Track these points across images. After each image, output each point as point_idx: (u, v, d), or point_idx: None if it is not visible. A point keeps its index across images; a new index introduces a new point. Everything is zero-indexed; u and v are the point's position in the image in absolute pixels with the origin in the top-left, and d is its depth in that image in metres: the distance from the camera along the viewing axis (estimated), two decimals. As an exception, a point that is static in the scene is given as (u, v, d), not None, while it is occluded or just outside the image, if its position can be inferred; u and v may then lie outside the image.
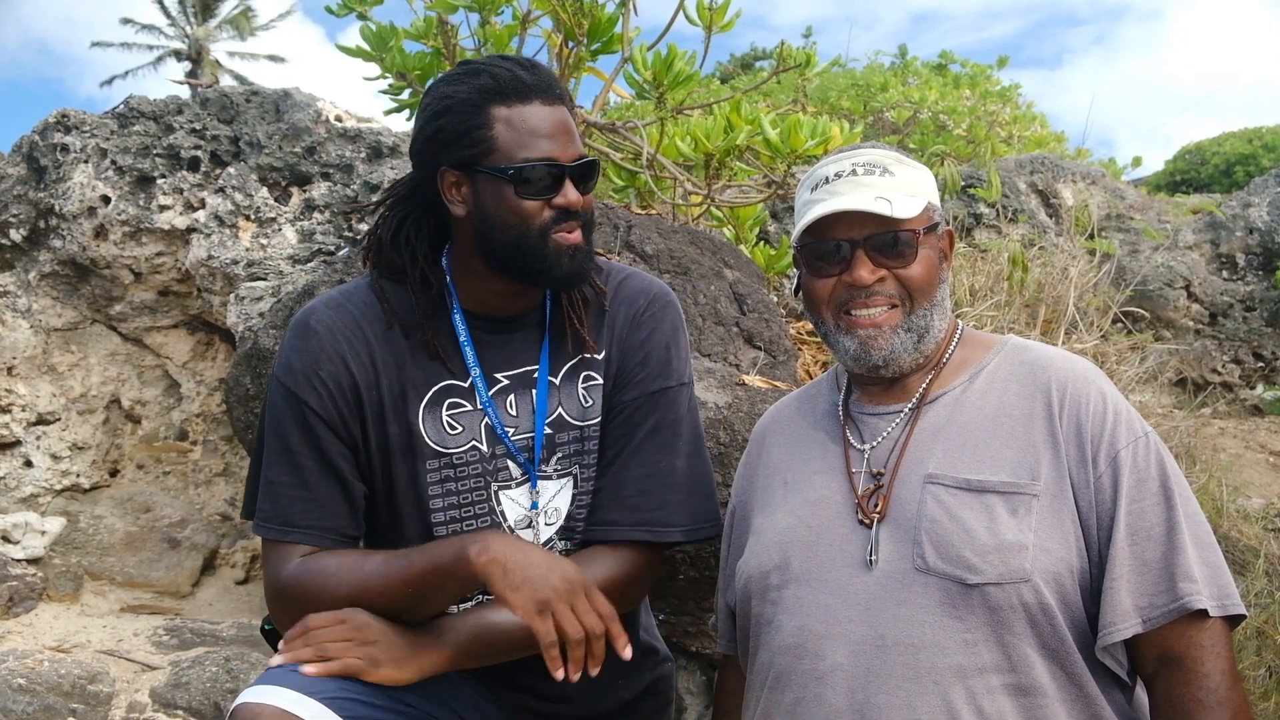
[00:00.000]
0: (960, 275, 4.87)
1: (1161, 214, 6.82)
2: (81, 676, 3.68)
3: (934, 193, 2.37)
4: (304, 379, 2.41)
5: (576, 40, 4.38)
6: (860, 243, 2.24)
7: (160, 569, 4.51)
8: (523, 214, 2.34)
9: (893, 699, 2.03)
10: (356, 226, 4.20)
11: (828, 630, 2.12)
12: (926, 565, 2.08)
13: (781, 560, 2.24)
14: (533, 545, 2.21)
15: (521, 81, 2.34)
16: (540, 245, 2.35)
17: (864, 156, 2.32)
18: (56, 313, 4.52)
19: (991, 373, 2.30)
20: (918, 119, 9.61)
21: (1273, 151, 11.80)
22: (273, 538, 2.40)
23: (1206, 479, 4.45)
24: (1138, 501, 2.09)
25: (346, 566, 2.29)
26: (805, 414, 2.51)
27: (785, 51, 4.88)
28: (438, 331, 2.46)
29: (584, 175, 2.38)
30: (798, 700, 2.13)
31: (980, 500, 2.11)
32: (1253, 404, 6.28)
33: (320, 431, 2.40)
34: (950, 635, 2.04)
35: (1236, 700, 2.02)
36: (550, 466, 2.51)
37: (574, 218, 2.36)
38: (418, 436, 2.44)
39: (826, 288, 2.30)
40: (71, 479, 4.52)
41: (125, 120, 4.44)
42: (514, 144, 2.33)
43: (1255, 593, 3.99)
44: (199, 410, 4.64)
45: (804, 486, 2.33)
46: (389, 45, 4.42)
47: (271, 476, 2.43)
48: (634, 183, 4.64)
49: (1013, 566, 2.01)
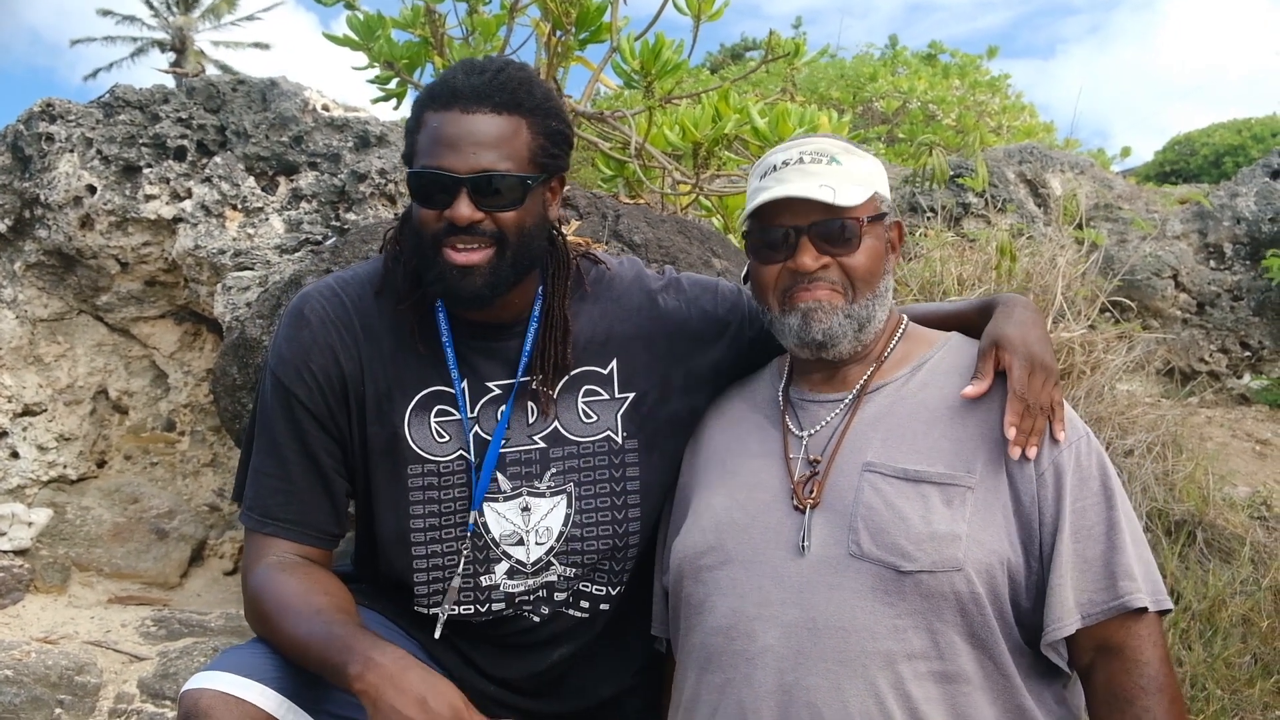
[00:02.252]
0: (949, 264, 4.87)
1: (1150, 204, 6.83)
2: (69, 668, 3.67)
3: (882, 183, 2.39)
4: (294, 370, 2.39)
5: (564, 29, 4.37)
6: (805, 229, 2.27)
7: (148, 560, 4.50)
8: (422, 221, 2.29)
9: (821, 681, 2.05)
10: (344, 216, 4.19)
11: (759, 612, 2.14)
12: (861, 551, 2.11)
13: (716, 542, 2.26)
14: (422, 672, 2.05)
15: (451, 87, 2.28)
16: (433, 256, 2.29)
17: (812, 145, 2.34)
18: (42, 303, 4.50)
19: (934, 366, 2.34)
20: (907, 109, 9.62)
21: (1261, 142, 11.85)
22: (252, 528, 2.40)
23: (1193, 467, 4.47)
24: (1080, 500, 2.14)
25: (291, 606, 2.22)
26: (746, 398, 2.53)
27: (774, 41, 4.87)
28: (423, 330, 2.43)
29: (486, 190, 2.25)
30: (727, 681, 2.14)
31: (916, 490, 2.14)
32: (1239, 393, 6.30)
33: (307, 425, 2.39)
34: (881, 620, 2.06)
35: (1173, 687, 2.10)
36: (543, 483, 2.47)
37: (464, 233, 2.25)
38: (402, 441, 2.42)
39: (772, 274, 2.33)
40: (58, 470, 4.51)
41: (111, 109, 4.42)
42: (422, 150, 2.28)
43: (1241, 580, 4.02)
44: (187, 401, 4.62)
45: (741, 470, 2.35)
46: (376, 34, 4.41)
47: (257, 465, 2.43)
48: (622, 172, 4.64)
49: (946, 555, 2.04)
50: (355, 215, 4.18)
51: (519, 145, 2.29)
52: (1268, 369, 6.40)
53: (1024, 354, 2.23)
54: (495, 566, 2.48)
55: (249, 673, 2.16)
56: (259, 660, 2.21)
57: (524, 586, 2.49)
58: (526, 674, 2.57)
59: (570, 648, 2.58)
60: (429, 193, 2.26)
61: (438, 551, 2.46)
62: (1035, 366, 2.22)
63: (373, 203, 4.19)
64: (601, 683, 2.65)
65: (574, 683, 2.62)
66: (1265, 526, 4.41)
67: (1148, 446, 4.39)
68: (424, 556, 2.46)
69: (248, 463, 2.48)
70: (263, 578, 2.31)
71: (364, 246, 3.73)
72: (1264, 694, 3.69)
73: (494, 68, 2.32)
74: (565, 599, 2.53)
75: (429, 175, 2.25)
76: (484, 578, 2.48)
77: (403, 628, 2.56)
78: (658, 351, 2.54)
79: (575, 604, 2.55)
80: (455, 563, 2.46)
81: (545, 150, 2.34)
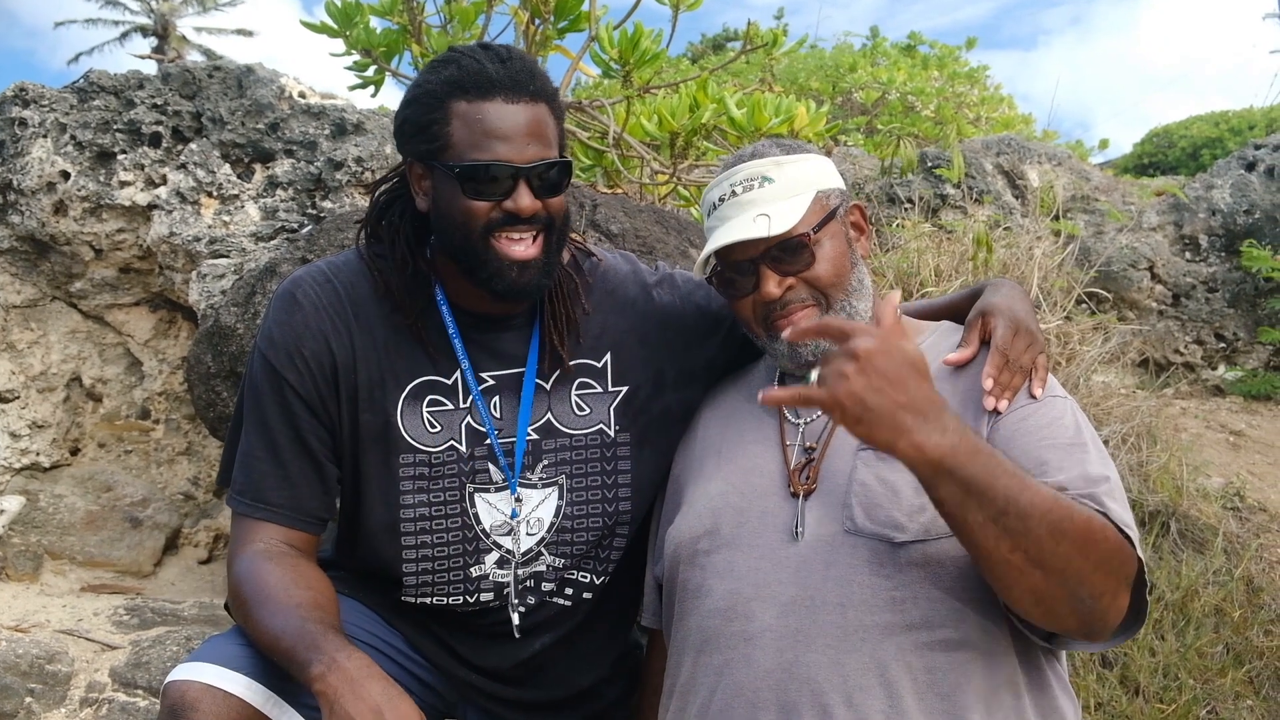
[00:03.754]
0: (925, 256, 4.88)
1: (1126, 196, 6.85)
2: (40, 656, 3.65)
3: (824, 178, 2.39)
4: (285, 355, 2.36)
5: (542, 18, 4.36)
6: (759, 259, 2.29)
7: (121, 548, 4.48)
8: (468, 214, 2.26)
9: (821, 657, 2.05)
10: (320, 204, 4.17)
11: (757, 593, 2.14)
12: (855, 527, 2.12)
13: (712, 526, 2.26)
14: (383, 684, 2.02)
15: (485, 75, 2.24)
16: (483, 249, 2.27)
17: (742, 172, 2.34)
18: (15, 289, 4.47)
19: (925, 349, 2.35)
20: (886, 100, 9.63)
21: (1239, 135, 11.91)
22: (244, 513, 2.38)
23: (1167, 458, 4.49)
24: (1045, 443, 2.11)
25: (271, 597, 2.20)
26: (741, 390, 2.55)
27: (752, 32, 4.87)
28: (425, 322, 2.41)
29: (544, 179, 2.26)
30: (726, 662, 2.14)
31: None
32: (1214, 384, 6.34)
33: (298, 409, 2.37)
34: (879, 593, 2.07)
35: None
36: (535, 475, 2.47)
37: (523, 224, 2.26)
38: (394, 429, 2.40)
39: (747, 307, 2.36)
40: (31, 457, 4.48)
41: (85, 95, 4.38)
42: (467, 142, 2.24)
43: (1214, 571, 4.04)
44: (161, 389, 4.60)
45: (738, 455, 2.36)
46: (355, 22, 4.39)
47: (247, 449, 2.40)
48: (600, 162, 4.63)
49: (939, 523, 2.03)
50: (331, 203, 4.16)
51: (553, 132, 2.32)
52: (1242, 360, 6.43)
53: (1009, 317, 2.27)
54: (485, 557, 2.48)
55: (233, 664, 2.16)
56: (243, 651, 2.20)
57: (512, 576, 2.49)
58: (508, 662, 2.58)
59: (552, 636, 2.58)
60: (483, 185, 2.24)
61: (428, 542, 2.46)
62: (1020, 329, 2.25)
63: (349, 191, 4.17)
64: (581, 671, 2.67)
65: (555, 671, 2.63)
66: (1238, 517, 4.43)
67: (1122, 438, 4.41)
68: (413, 547, 2.46)
69: (234, 447, 2.46)
70: (247, 564, 2.30)
71: (339, 235, 3.71)
72: (1235, 684, 3.71)
73: (516, 55, 2.32)
74: (552, 589, 2.54)
75: (487, 167, 2.22)
76: (474, 568, 2.48)
77: (384, 617, 2.56)
78: (652, 346, 2.55)
79: (560, 593, 2.55)
80: (445, 553, 2.46)
81: (562, 135, 2.37)
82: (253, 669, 2.16)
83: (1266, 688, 3.77)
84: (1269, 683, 3.78)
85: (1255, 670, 3.80)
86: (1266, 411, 5.98)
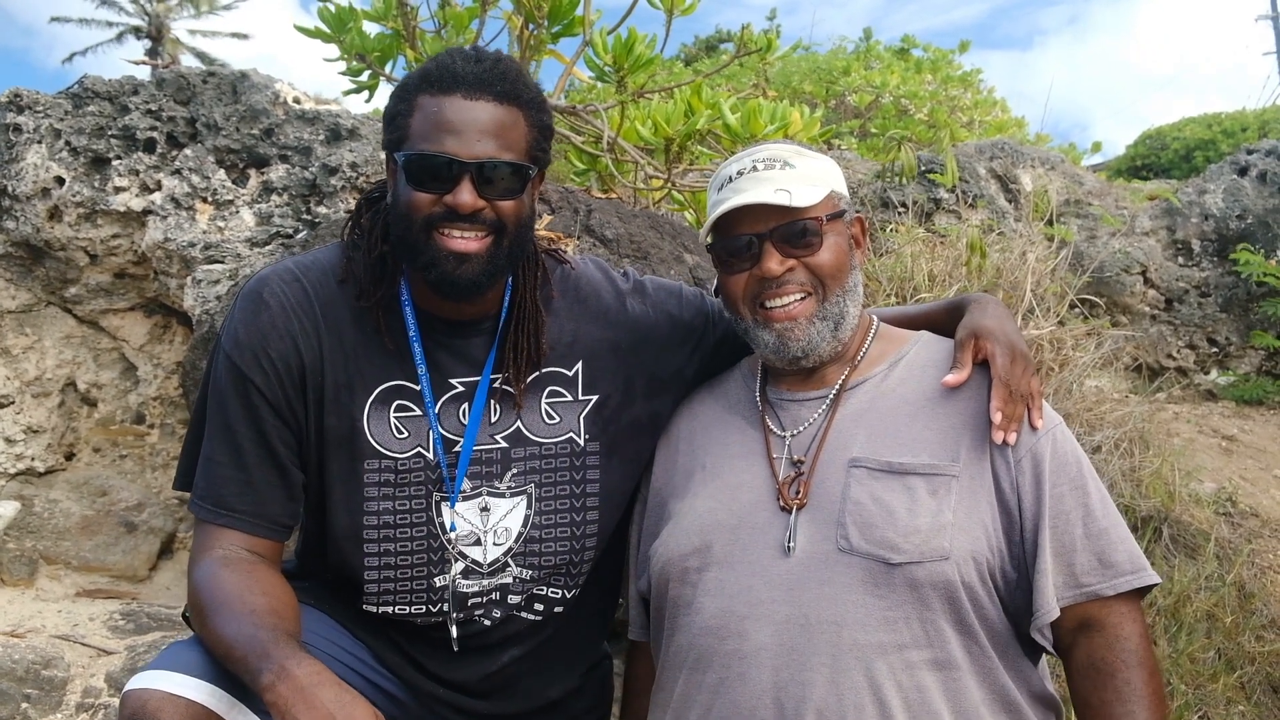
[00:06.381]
0: (919, 260, 4.89)
1: (1119, 200, 6.88)
2: (36, 661, 3.65)
3: (838, 181, 2.42)
4: (251, 356, 2.31)
5: (536, 22, 4.37)
6: (766, 235, 2.30)
7: (117, 553, 4.47)
8: (410, 205, 2.24)
9: (816, 676, 2.07)
10: (315, 209, 4.18)
11: (750, 611, 2.15)
12: (850, 546, 2.13)
13: (702, 544, 2.27)
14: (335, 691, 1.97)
15: (451, 71, 2.24)
16: (423, 240, 2.25)
17: (764, 152, 2.37)
18: (10, 295, 4.47)
19: (910, 361, 2.38)
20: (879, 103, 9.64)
21: (1231, 137, 11.93)
22: (205, 518, 2.33)
23: (1160, 463, 4.50)
24: (1058, 487, 2.18)
25: (226, 604, 2.16)
26: (720, 399, 2.54)
27: (746, 36, 4.87)
28: (389, 324, 2.38)
29: (491, 179, 2.23)
30: (721, 680, 2.15)
31: (902, 482, 2.17)
32: (1206, 389, 6.36)
33: (264, 413, 2.32)
34: (872, 613, 2.09)
35: (1152, 661, 2.15)
36: (503, 483, 2.44)
37: (464, 221, 2.23)
38: (360, 434, 2.36)
39: (740, 283, 2.35)
40: (26, 462, 4.48)
41: (80, 100, 4.39)
42: (420, 134, 2.23)
43: (1206, 576, 4.05)
44: (156, 393, 4.60)
45: (724, 471, 2.36)
46: (348, 26, 4.39)
47: (209, 453, 2.35)
48: (595, 166, 4.64)
49: (933, 545, 2.08)
50: (326, 209, 4.17)
51: (518, 136, 2.27)
52: (1234, 365, 6.45)
53: (1005, 343, 2.28)
54: (450, 567, 2.44)
55: (192, 670, 2.11)
56: (201, 655, 2.15)
57: (478, 587, 2.45)
58: (477, 676, 2.54)
59: (521, 650, 2.55)
60: (426, 177, 2.22)
61: (391, 550, 2.41)
62: (1016, 355, 2.26)
63: (344, 196, 4.18)
64: (551, 684, 2.63)
65: (523, 684, 2.60)
66: (1230, 522, 4.45)
67: (1115, 443, 4.42)
68: (376, 555, 2.41)
69: (194, 449, 2.40)
70: (205, 571, 2.24)
71: (334, 240, 3.72)
72: (1227, 689, 3.73)
73: (491, 57, 2.30)
74: (519, 602, 2.50)
75: (430, 159, 2.21)
76: (438, 578, 2.44)
77: (350, 630, 2.51)
78: (623, 355, 2.53)
79: (529, 607, 2.52)
80: (409, 561, 2.42)
81: (538, 143, 2.32)
82: (214, 674, 2.11)
83: (1258, 693, 3.79)
84: (1260, 688, 3.80)
85: (1247, 675, 3.81)
86: (1259, 416, 6.00)
